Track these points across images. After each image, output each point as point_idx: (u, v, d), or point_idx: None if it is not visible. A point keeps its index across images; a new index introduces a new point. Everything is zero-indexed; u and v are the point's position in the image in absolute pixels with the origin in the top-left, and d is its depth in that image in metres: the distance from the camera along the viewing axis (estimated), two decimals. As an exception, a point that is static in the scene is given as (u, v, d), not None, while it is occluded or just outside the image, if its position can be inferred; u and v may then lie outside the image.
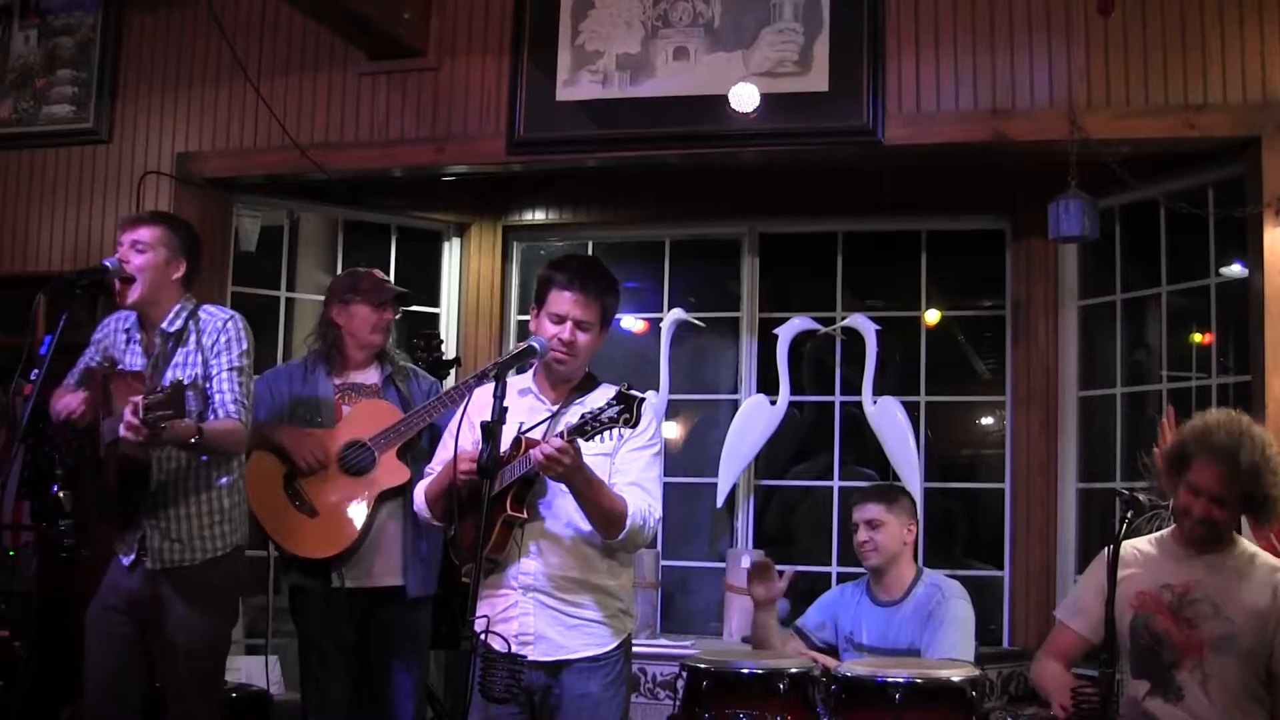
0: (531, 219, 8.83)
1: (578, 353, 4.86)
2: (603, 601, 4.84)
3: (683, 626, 8.13)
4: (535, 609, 4.78)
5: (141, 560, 5.44)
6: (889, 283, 8.49)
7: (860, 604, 6.31)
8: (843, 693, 5.37)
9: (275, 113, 7.49)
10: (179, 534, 5.47)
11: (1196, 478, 4.82)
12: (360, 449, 6.13)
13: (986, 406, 8.45)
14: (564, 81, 7.16)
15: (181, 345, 5.58)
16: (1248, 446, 4.74)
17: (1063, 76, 6.57)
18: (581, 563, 4.81)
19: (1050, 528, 7.61)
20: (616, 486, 4.79)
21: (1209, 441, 4.80)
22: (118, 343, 5.66)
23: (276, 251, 8.30)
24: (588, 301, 4.83)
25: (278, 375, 6.51)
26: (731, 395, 8.41)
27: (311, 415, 6.27)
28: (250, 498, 5.97)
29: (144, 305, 5.56)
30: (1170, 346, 7.39)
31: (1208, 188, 6.80)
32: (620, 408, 4.39)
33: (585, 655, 4.79)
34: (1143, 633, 4.93)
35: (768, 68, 6.89)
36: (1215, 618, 4.83)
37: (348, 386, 6.35)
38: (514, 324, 8.76)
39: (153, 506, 5.45)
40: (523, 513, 4.71)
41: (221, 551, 5.60)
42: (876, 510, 6.21)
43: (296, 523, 6.19)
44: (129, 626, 5.48)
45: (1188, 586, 4.90)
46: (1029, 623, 7.50)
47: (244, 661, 7.56)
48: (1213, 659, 4.81)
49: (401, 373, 6.47)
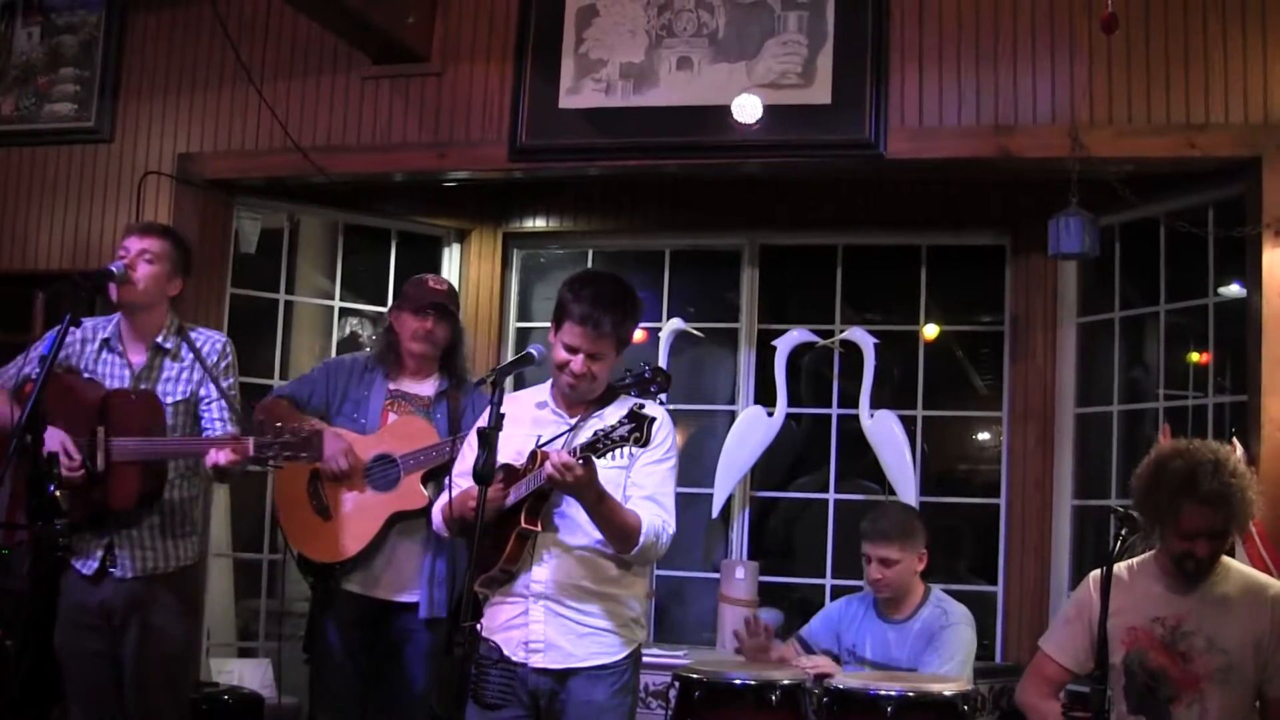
0: (532, 226, 8.82)
1: (589, 382, 4.86)
2: (613, 610, 4.84)
3: (676, 636, 8.12)
4: (546, 616, 4.78)
5: (109, 570, 5.44)
6: (888, 296, 8.48)
7: (866, 617, 6.30)
8: (835, 704, 5.39)
9: (277, 115, 7.49)
10: (152, 543, 5.50)
11: (1191, 524, 4.75)
12: (388, 464, 6.08)
13: (983, 422, 8.44)
14: (567, 89, 7.16)
15: (174, 360, 5.60)
16: (1233, 486, 4.71)
17: (1065, 94, 6.58)
18: (593, 572, 4.81)
19: (1045, 544, 7.61)
20: (631, 500, 4.80)
21: (1197, 491, 4.70)
22: (86, 352, 5.63)
23: (276, 254, 8.29)
24: (599, 336, 4.80)
25: (340, 366, 6.45)
26: (729, 406, 8.41)
27: (357, 415, 6.24)
28: (275, 488, 6.11)
29: (138, 313, 5.57)
30: (1168, 365, 7.39)
31: (1208, 207, 6.81)
32: (631, 426, 4.39)
33: (594, 664, 4.79)
34: (1138, 670, 4.87)
35: (771, 79, 6.89)
36: (1210, 650, 4.79)
37: (399, 394, 6.28)
38: (513, 330, 8.77)
39: (125, 516, 5.45)
40: (536, 525, 4.72)
41: (192, 560, 5.64)
42: (890, 550, 6.16)
43: (308, 521, 6.18)
44: (104, 643, 5.49)
45: (1179, 619, 4.85)
46: (1021, 638, 7.49)
47: (236, 664, 7.55)
48: (1211, 691, 4.77)
49: (464, 389, 6.33)
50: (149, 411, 5.39)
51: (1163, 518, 4.81)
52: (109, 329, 5.65)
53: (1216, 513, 4.73)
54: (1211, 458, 4.74)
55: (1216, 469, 4.71)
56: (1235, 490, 4.71)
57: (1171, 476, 4.77)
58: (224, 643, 7.90)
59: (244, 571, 8.13)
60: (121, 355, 5.59)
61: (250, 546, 8.09)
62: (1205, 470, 4.71)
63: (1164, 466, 4.83)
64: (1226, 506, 4.72)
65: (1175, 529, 4.78)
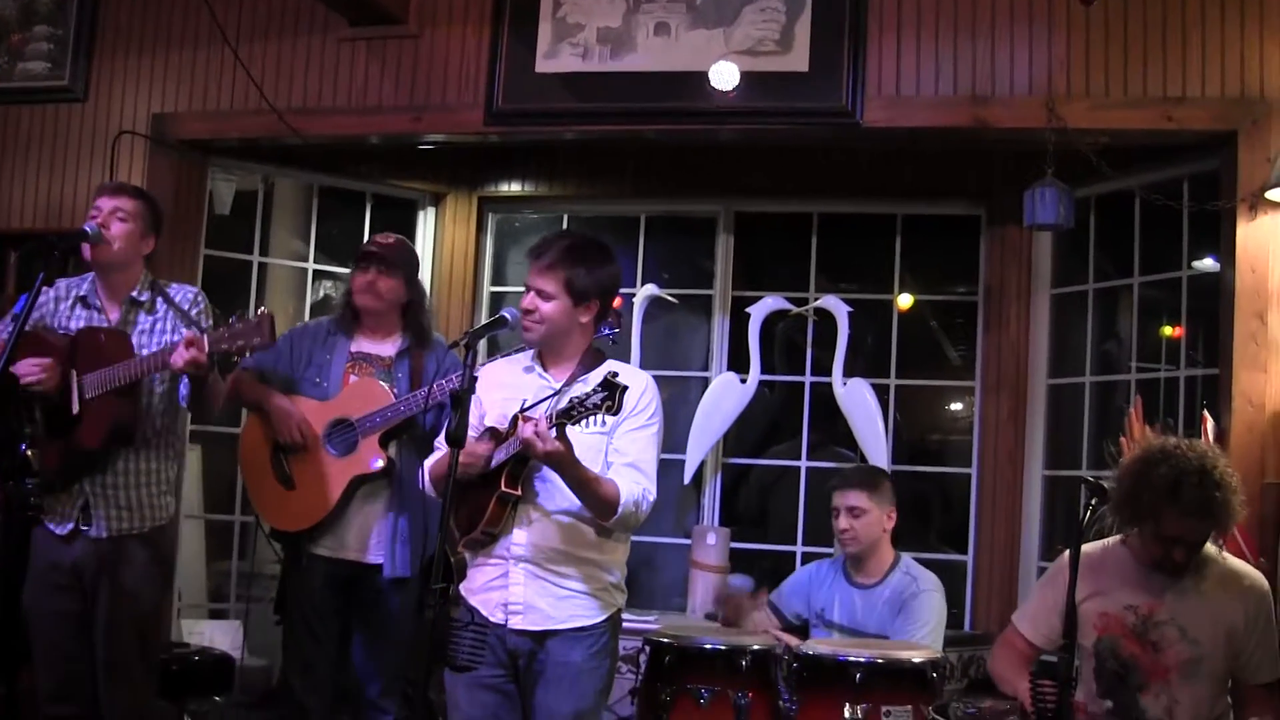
0: (508, 190, 8.81)
1: (540, 320, 4.86)
2: (592, 575, 4.86)
3: (647, 602, 8.12)
4: (526, 579, 4.80)
5: (82, 530, 5.45)
6: (863, 265, 8.48)
7: (835, 582, 6.34)
8: (804, 671, 5.41)
9: (253, 76, 7.45)
10: (127, 502, 5.50)
11: (1171, 531, 4.71)
12: (345, 429, 6.08)
13: (956, 392, 8.46)
14: (544, 54, 7.13)
15: (149, 313, 5.60)
16: (1218, 499, 4.63)
17: (1042, 65, 6.58)
18: (573, 537, 4.83)
19: (1015, 514, 7.65)
20: (613, 467, 4.82)
21: (1180, 499, 4.62)
22: (59, 311, 5.63)
23: (250, 216, 8.27)
24: (543, 271, 4.84)
25: (304, 332, 6.46)
26: (702, 372, 8.42)
27: (319, 379, 6.25)
28: (240, 459, 6.16)
29: (112, 271, 5.57)
30: (1140, 337, 7.41)
31: (1183, 181, 6.83)
32: (604, 394, 4.39)
33: (572, 626, 4.81)
34: (1109, 657, 4.88)
35: (748, 46, 6.87)
36: (1182, 641, 4.80)
37: (360, 356, 6.27)
38: (487, 294, 8.76)
39: (100, 473, 5.46)
40: (517, 489, 4.74)
41: (165, 521, 5.65)
42: (859, 498, 6.21)
43: (273, 492, 6.20)
44: (76, 602, 5.48)
45: (1152, 608, 4.85)
46: (991, 607, 7.53)
47: (207, 626, 7.56)
48: (1179, 683, 4.79)
49: (428, 347, 6.32)
50: (116, 347, 5.38)
51: (1143, 521, 4.78)
52: (84, 287, 5.65)
53: (1200, 524, 4.71)
54: (1198, 465, 4.65)
55: (1202, 480, 4.62)
56: (1219, 503, 4.63)
57: (1157, 483, 4.67)
58: (195, 604, 7.90)
59: (215, 533, 8.12)
60: (100, 311, 5.60)
61: (222, 509, 8.08)
62: (1190, 481, 4.62)
63: (1149, 470, 4.72)
64: (1209, 518, 4.68)
65: (1155, 533, 4.76)
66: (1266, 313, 6.16)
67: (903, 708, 5.20)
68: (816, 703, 5.31)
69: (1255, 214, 6.21)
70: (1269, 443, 6.10)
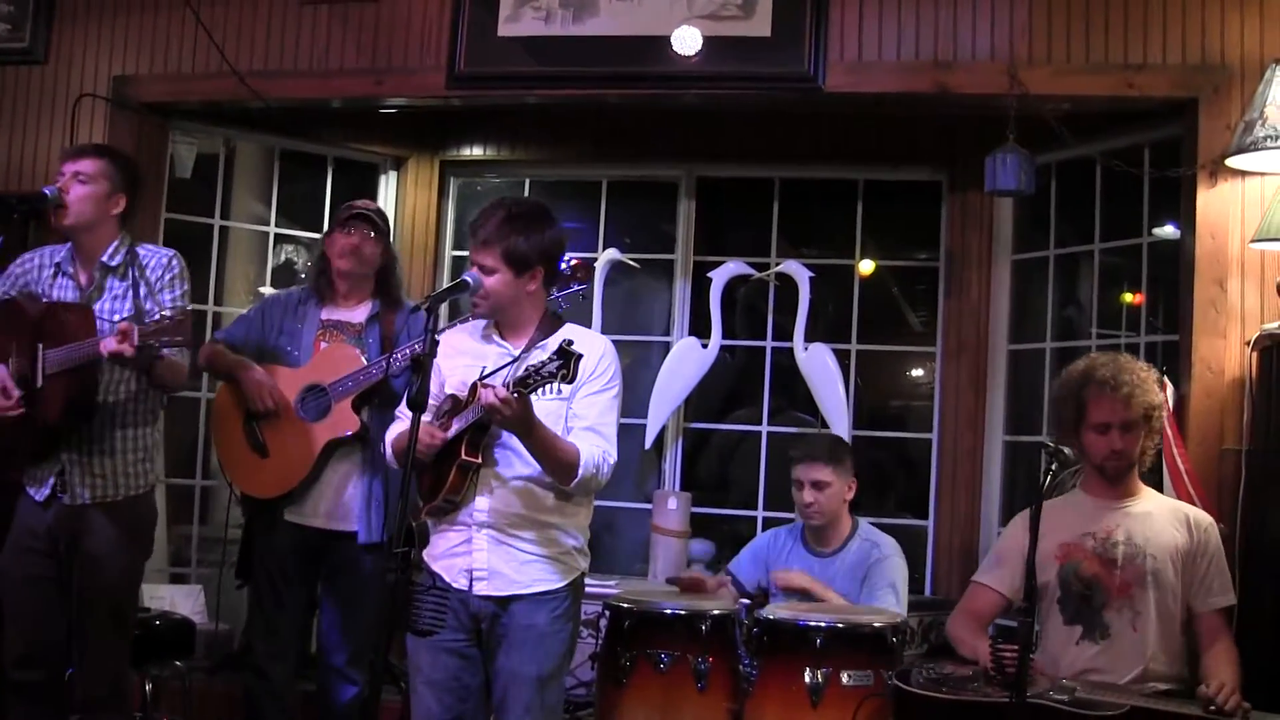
0: (469, 154, 8.79)
1: (485, 295, 4.87)
2: (553, 539, 4.88)
3: (608, 567, 8.14)
4: (489, 545, 4.82)
5: (58, 496, 5.44)
6: (824, 231, 8.51)
7: (793, 551, 6.35)
8: (764, 635, 5.43)
9: (214, 39, 7.40)
10: (103, 469, 5.47)
11: (1098, 415, 5.09)
12: (318, 394, 6.09)
13: (917, 357, 8.49)
14: (506, 17, 7.09)
15: (119, 278, 5.56)
16: (1130, 373, 5.08)
17: (1004, 31, 6.58)
18: (533, 502, 4.84)
19: (976, 479, 7.69)
20: (573, 431, 4.84)
21: (1094, 378, 5.10)
22: (42, 278, 5.60)
23: (212, 179, 8.21)
24: (481, 246, 4.86)
25: (275, 302, 6.47)
26: (664, 337, 8.43)
27: (290, 347, 6.25)
28: (212, 428, 6.23)
29: (80, 235, 5.53)
30: (1101, 304, 7.46)
31: (1144, 148, 6.86)
32: (559, 363, 4.40)
33: (535, 590, 4.83)
34: (1072, 580, 5.09)
35: (711, 10, 6.85)
36: (1138, 556, 5.04)
37: (331, 323, 6.28)
38: (449, 258, 8.74)
39: (78, 441, 5.44)
40: (477, 458, 4.75)
41: (143, 490, 5.62)
42: (823, 471, 6.22)
43: (247, 460, 6.21)
44: (49, 567, 5.47)
45: (1108, 531, 5.10)
46: (952, 572, 7.58)
47: (168, 590, 7.54)
48: (1140, 595, 5.00)
49: (398, 310, 6.32)
50: (80, 322, 5.34)
51: (1076, 421, 5.16)
52: (62, 254, 5.62)
53: (1117, 397, 5.04)
54: (1109, 354, 5.21)
55: (1113, 361, 5.15)
56: (1132, 375, 5.08)
57: (1072, 376, 5.24)
58: (156, 569, 7.87)
59: (176, 497, 8.09)
60: (72, 277, 5.56)
61: (183, 472, 8.05)
62: (1101, 361, 5.16)
63: (1069, 374, 5.26)
64: (1126, 390, 5.03)
65: (1088, 426, 5.12)
66: (1226, 279, 6.19)
67: (863, 672, 5.23)
68: (777, 667, 5.33)
69: (1215, 181, 6.23)
70: (1228, 408, 6.13)
